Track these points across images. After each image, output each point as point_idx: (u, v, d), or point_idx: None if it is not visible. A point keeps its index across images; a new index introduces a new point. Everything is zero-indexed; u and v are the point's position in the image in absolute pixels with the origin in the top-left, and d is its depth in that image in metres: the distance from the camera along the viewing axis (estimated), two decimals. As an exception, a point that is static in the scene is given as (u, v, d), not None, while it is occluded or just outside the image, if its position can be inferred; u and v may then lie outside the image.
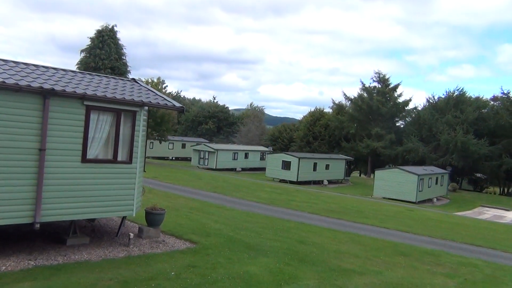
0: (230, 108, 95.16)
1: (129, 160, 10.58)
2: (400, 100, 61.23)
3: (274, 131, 78.75)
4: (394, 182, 38.43)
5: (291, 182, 43.71)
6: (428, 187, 40.11)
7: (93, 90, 9.88)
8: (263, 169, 51.89)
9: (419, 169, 40.42)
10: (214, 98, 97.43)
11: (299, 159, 43.92)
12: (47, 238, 10.72)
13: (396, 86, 61.37)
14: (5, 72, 8.97)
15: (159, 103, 10.88)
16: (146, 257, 10.01)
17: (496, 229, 23.69)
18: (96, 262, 9.31)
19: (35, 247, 9.87)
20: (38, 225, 9.09)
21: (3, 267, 8.35)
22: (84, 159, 9.74)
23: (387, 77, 61.57)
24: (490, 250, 16.27)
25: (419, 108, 61.08)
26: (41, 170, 8.99)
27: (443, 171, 45.75)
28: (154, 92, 11.75)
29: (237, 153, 54.65)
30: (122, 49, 51.55)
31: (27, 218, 8.99)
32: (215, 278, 9.04)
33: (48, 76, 9.84)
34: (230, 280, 8.97)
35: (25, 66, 10.05)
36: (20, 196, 8.83)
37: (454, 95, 56.15)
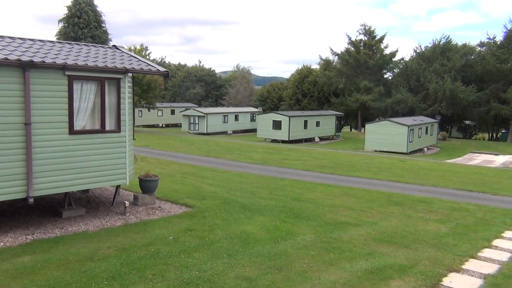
0: (217, 71, 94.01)
1: (118, 129, 10.45)
2: (387, 51, 60.70)
3: (262, 91, 78.18)
4: (385, 134, 38.66)
5: (283, 142, 43.83)
6: (419, 137, 40.46)
7: (73, 60, 9.61)
8: (254, 130, 51.85)
9: (409, 120, 40.61)
10: (200, 62, 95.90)
11: (289, 118, 43.84)
12: (43, 212, 10.72)
13: (382, 38, 60.67)
14: (-20, 46, 8.66)
15: (142, 69, 10.64)
16: (143, 224, 10.09)
17: (486, 173, 24.13)
18: (94, 232, 9.37)
19: (31, 221, 9.88)
20: (31, 200, 9.06)
21: (1, 243, 8.38)
22: (72, 131, 9.60)
23: (373, 29, 60.76)
24: (481, 194, 16.61)
25: (407, 59, 60.68)
26: (29, 145, 8.86)
27: (433, 120, 46.05)
28: (137, 58, 11.47)
29: (227, 115, 54.39)
30: (101, 16, 50.12)
31: (20, 194, 8.94)
32: (213, 239, 9.16)
33: (26, 47, 9.54)
34: (228, 241, 9.10)
35: (0, 39, 9.70)
36: (10, 172, 8.74)
37: (441, 43, 55.70)
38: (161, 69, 11.09)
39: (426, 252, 9.03)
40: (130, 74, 10.76)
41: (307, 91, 65.59)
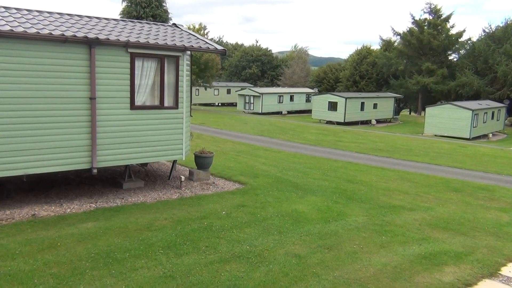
0: (273, 51, 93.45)
1: (176, 105, 10.77)
2: (453, 31, 57.46)
3: (319, 72, 77.00)
4: (447, 118, 37.01)
5: (338, 123, 43.17)
6: (483, 122, 38.38)
7: (135, 37, 9.95)
8: (309, 111, 51.36)
9: (474, 104, 38.55)
10: (257, 42, 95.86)
11: (345, 99, 42.99)
12: (105, 183, 11.35)
13: (448, 17, 57.48)
14: (51, 24, 9.17)
15: (200, 47, 10.83)
16: (198, 198, 10.42)
17: (557, 163, 22.55)
18: (151, 203, 9.81)
19: (95, 191, 10.50)
20: (95, 171, 9.61)
21: (68, 210, 8.99)
22: (133, 106, 10.02)
23: (439, 7, 57.65)
24: (550, 184, 15.59)
25: (474, 40, 57.21)
26: (94, 118, 9.37)
27: (500, 104, 43.42)
28: (195, 36, 11.68)
29: (282, 96, 54.20)
30: (162, -5, 51.04)
31: (85, 164, 9.51)
32: (264, 216, 9.31)
33: (92, 25, 9.98)
34: (279, 218, 9.21)
35: (69, 17, 10.22)
36: (77, 144, 9.30)
37: (514, 22, 51.98)
38: (218, 47, 11.23)
39: (484, 240, 8.68)
40: (189, 52, 11.00)
41: (365, 72, 63.85)
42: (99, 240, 7.43)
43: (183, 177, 11.43)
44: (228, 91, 65.47)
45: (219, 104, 65.27)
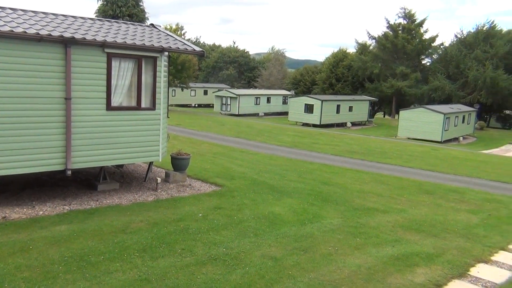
0: (251, 53, 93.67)
1: (153, 107, 10.70)
2: (427, 36, 58.83)
3: (296, 74, 77.48)
4: (419, 122, 37.84)
5: (314, 126, 43.58)
6: (455, 126, 39.40)
7: (112, 37, 9.85)
8: (285, 113, 51.68)
9: (446, 108, 39.54)
10: (234, 43, 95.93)
11: (322, 102, 43.45)
12: (79, 184, 11.17)
13: (422, 22, 58.80)
14: (25, 22, 8.99)
15: (179, 48, 10.79)
16: (174, 200, 10.38)
17: (523, 166, 23.34)
18: (127, 205, 9.72)
19: (68, 193, 10.33)
20: (69, 172, 9.46)
21: (41, 212, 8.82)
22: (109, 107, 9.91)
23: (413, 12, 58.96)
24: (517, 187, 16.15)
25: (447, 44, 58.73)
26: (69, 119, 9.22)
27: (471, 109, 44.65)
28: (173, 37, 11.63)
29: (259, 97, 54.36)
30: (138, -6, 50.51)
31: (59, 166, 9.35)
32: (241, 218, 9.34)
33: (68, 24, 9.83)
34: (256, 220, 9.26)
35: (44, 15, 10.03)
36: (50, 145, 9.13)
37: (484, 28, 53.51)
38: (197, 48, 11.21)
39: (454, 241, 8.94)
40: (166, 53, 10.94)
41: (341, 75, 64.62)
42: (73, 243, 7.32)
43: (159, 179, 11.36)
44: (205, 92, 65.25)
45: (196, 105, 64.98)
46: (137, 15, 48.23)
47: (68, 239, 7.47)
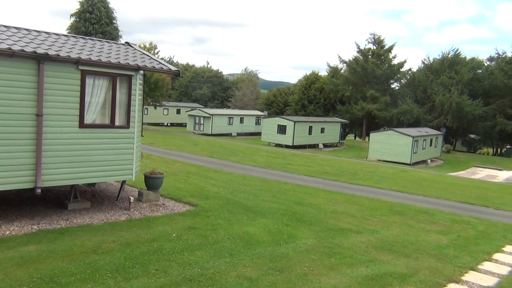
0: (224, 73, 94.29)
1: (127, 125, 10.58)
2: (395, 61, 60.80)
3: (269, 95, 78.31)
4: (389, 144, 38.73)
5: (287, 146, 43.92)
6: (423, 148, 40.48)
7: (87, 55, 9.75)
8: (258, 133, 51.95)
9: (414, 131, 40.65)
10: (208, 63, 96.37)
11: (294, 123, 43.93)
12: (49, 203, 10.85)
13: (391, 47, 60.77)
14: (-3, 37, 8.81)
15: (154, 67, 10.77)
16: (147, 220, 10.19)
17: (488, 188, 24.13)
18: (98, 225, 9.48)
19: (37, 212, 10.00)
20: (39, 190, 9.18)
21: (7, 232, 8.49)
22: (82, 124, 9.73)
23: (382, 38, 60.92)
24: (483, 208, 16.63)
25: (414, 70, 60.79)
26: (40, 136, 9.00)
27: (438, 132, 46.05)
28: (149, 56, 11.62)
29: (233, 117, 54.52)
30: (112, 13, 50.49)
31: (28, 184, 9.06)
32: (215, 238, 9.25)
33: (41, 40, 9.69)
34: (230, 240, 9.19)
35: (16, 31, 9.86)
36: (20, 162, 8.86)
37: (450, 56, 55.78)
38: (173, 68, 11.22)
39: (426, 262, 9.09)
40: (142, 72, 10.91)
41: (313, 97, 65.71)
42: (42, 264, 7.06)
43: (132, 198, 11.15)
44: (178, 111, 64.97)
45: (168, 124, 64.54)
46: (110, 33, 48.04)
47: (37, 260, 7.21)
